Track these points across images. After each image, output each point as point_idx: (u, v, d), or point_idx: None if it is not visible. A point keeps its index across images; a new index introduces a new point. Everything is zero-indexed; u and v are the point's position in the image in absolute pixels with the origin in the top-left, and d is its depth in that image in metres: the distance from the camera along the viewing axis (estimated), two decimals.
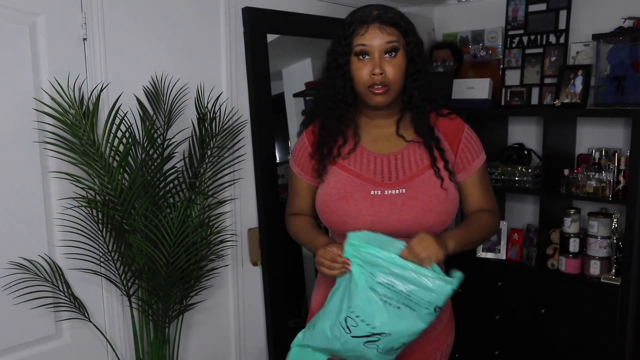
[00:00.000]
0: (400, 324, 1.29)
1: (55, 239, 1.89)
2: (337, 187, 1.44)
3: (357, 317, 1.29)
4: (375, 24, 1.37)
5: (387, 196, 1.40)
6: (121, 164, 1.81)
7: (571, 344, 2.47)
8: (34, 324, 1.87)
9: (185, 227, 1.86)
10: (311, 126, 1.55)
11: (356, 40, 1.38)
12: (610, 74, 2.49)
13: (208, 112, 2.06)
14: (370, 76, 1.37)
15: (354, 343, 1.32)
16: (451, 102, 2.85)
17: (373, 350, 1.32)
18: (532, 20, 2.83)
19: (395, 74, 1.38)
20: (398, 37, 1.38)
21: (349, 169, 1.46)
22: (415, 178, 1.42)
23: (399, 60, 1.39)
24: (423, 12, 3.23)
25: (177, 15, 2.14)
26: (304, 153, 1.55)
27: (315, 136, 1.53)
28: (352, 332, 1.31)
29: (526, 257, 2.68)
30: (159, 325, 1.97)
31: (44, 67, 1.82)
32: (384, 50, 1.37)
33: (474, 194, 1.49)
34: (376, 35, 1.36)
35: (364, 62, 1.38)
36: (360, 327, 1.30)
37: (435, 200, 1.40)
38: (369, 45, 1.37)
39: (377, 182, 1.42)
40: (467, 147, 1.48)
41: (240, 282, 2.43)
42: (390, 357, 1.37)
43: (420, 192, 1.40)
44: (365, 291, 1.28)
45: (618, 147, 2.55)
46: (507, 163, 2.72)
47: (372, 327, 1.29)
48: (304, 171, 1.55)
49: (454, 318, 1.63)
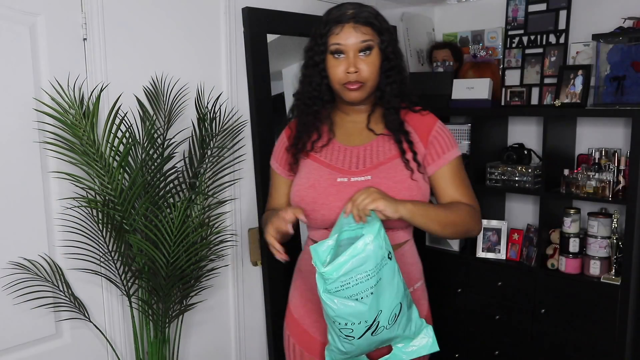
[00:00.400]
0: (381, 299, 1.29)
1: (55, 239, 1.89)
2: (307, 176, 1.49)
3: (346, 326, 1.30)
4: (350, 23, 1.41)
5: (353, 183, 1.43)
6: (121, 164, 1.81)
7: (571, 344, 2.47)
8: (34, 324, 1.87)
9: (185, 227, 1.86)
10: (290, 122, 1.61)
11: (332, 39, 1.42)
12: (610, 74, 2.49)
13: (208, 112, 2.06)
14: (345, 74, 1.42)
15: (367, 340, 1.33)
16: (451, 102, 2.85)
17: (384, 331, 1.33)
18: (532, 20, 2.83)
19: (370, 72, 1.42)
20: (372, 36, 1.42)
21: (319, 160, 1.51)
22: (381, 166, 1.46)
23: (373, 58, 1.43)
24: (423, 12, 3.23)
25: (177, 15, 2.15)
26: (282, 148, 1.61)
27: (292, 131, 1.58)
28: (355, 336, 1.32)
29: (526, 257, 2.67)
30: (159, 325, 1.97)
31: (44, 67, 1.82)
32: (358, 49, 1.41)
33: (447, 187, 1.48)
34: (351, 35, 1.40)
35: (339, 60, 1.43)
36: (356, 329, 1.31)
37: (399, 186, 1.42)
38: (344, 44, 1.41)
39: (345, 170, 1.47)
40: (437, 140, 1.49)
41: (240, 282, 2.43)
42: (404, 319, 1.36)
43: (385, 178, 1.43)
44: (334, 304, 1.27)
45: (618, 147, 2.55)
46: (507, 163, 2.72)
47: (363, 322, 1.30)
48: (282, 166, 1.60)
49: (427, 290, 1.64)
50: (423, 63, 3.20)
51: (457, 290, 2.80)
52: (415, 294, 1.54)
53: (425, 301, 1.59)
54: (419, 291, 1.56)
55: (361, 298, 1.27)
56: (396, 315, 1.33)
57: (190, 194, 1.99)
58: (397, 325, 1.35)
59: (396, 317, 1.33)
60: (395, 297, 1.31)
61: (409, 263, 1.53)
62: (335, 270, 1.25)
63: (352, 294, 1.27)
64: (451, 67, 3.01)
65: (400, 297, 1.33)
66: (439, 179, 1.49)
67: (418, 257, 1.59)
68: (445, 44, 3.13)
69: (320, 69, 1.46)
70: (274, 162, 1.63)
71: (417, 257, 1.58)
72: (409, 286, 1.51)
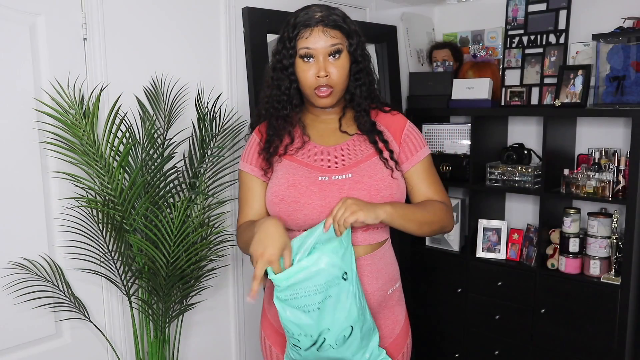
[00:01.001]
0: (328, 317, 1.29)
1: (55, 239, 1.89)
2: (285, 177, 1.46)
3: (293, 336, 1.31)
4: (319, 27, 1.40)
5: (334, 181, 1.43)
6: (121, 164, 1.81)
7: (571, 344, 2.47)
8: (34, 324, 1.87)
9: (185, 227, 1.86)
10: (260, 126, 1.57)
11: (300, 43, 1.41)
12: (610, 74, 2.49)
13: (208, 112, 2.06)
14: (315, 78, 1.42)
15: (313, 354, 1.34)
16: (451, 102, 2.86)
17: (331, 350, 1.33)
18: (532, 20, 2.83)
19: (339, 75, 1.43)
20: (341, 39, 1.42)
21: (297, 160, 1.50)
22: (362, 163, 1.46)
23: (342, 61, 1.43)
24: (423, 12, 3.23)
25: (177, 15, 2.15)
26: (254, 151, 1.55)
27: (262, 135, 1.55)
28: (302, 347, 1.33)
29: (526, 257, 2.68)
30: (159, 325, 1.97)
31: (44, 67, 1.82)
32: (327, 53, 1.41)
33: (420, 185, 1.51)
34: (320, 38, 1.40)
35: (309, 64, 1.42)
36: (302, 341, 1.31)
37: (380, 184, 1.43)
38: (313, 48, 1.40)
39: (325, 169, 1.46)
40: (410, 139, 1.51)
41: (240, 282, 2.43)
42: (355, 344, 1.35)
43: (366, 176, 1.43)
44: (285, 312, 1.29)
45: (618, 147, 2.56)
46: (507, 163, 2.72)
47: (309, 335, 1.30)
48: (257, 167, 1.53)
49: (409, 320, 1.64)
50: (423, 63, 3.20)
51: (457, 290, 2.80)
52: (395, 295, 1.54)
53: (403, 302, 1.59)
54: (398, 292, 1.56)
55: (308, 311, 1.27)
56: (345, 337, 1.32)
57: (190, 194, 1.99)
58: (347, 348, 1.34)
59: (345, 338, 1.32)
60: (345, 319, 1.30)
61: (389, 262, 1.53)
62: (285, 279, 1.25)
63: (300, 305, 1.27)
64: (451, 67, 3.02)
65: (353, 321, 1.31)
66: (412, 177, 1.50)
67: (395, 257, 1.59)
68: (445, 44, 3.13)
69: (289, 72, 1.45)
70: (246, 165, 1.54)
71: (394, 256, 1.58)
72: (390, 287, 1.51)
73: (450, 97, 2.86)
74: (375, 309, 1.48)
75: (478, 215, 2.80)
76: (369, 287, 1.46)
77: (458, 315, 2.82)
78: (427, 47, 3.19)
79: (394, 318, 1.53)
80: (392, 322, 1.53)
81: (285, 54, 1.44)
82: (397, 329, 1.54)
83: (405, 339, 1.57)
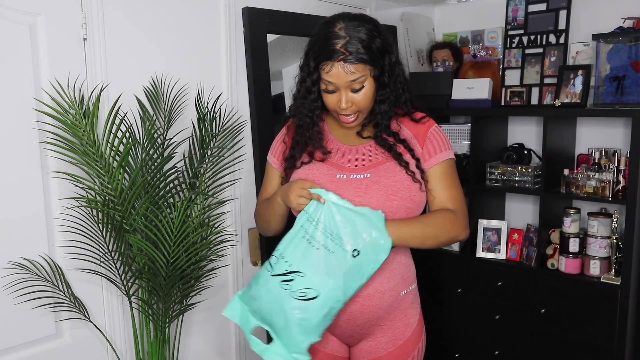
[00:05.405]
0: (313, 265, 1.33)
1: (55, 239, 1.89)
2: (305, 172, 1.50)
3: (279, 254, 1.37)
4: (339, 63, 1.37)
5: (351, 180, 1.45)
6: (121, 164, 1.81)
7: (571, 344, 2.47)
8: (34, 324, 1.87)
9: (185, 227, 1.86)
10: (289, 122, 1.61)
11: (322, 74, 1.40)
12: (610, 74, 2.49)
13: (208, 112, 2.06)
14: (339, 107, 1.43)
15: (273, 283, 1.36)
16: (451, 102, 2.85)
17: (287, 293, 1.34)
18: (532, 20, 2.83)
19: (363, 103, 1.43)
20: (363, 71, 1.38)
21: (317, 156, 1.52)
22: (381, 165, 1.46)
23: (366, 90, 1.42)
24: (423, 12, 3.23)
25: (177, 15, 2.15)
26: (280, 144, 1.62)
27: (290, 132, 1.59)
28: (273, 270, 1.37)
29: (526, 257, 2.68)
30: (159, 325, 1.97)
31: (44, 67, 1.82)
32: (349, 88, 1.40)
33: (437, 187, 1.48)
34: (340, 74, 1.38)
35: (332, 94, 1.43)
36: (279, 264, 1.36)
37: (398, 185, 1.43)
38: (335, 82, 1.40)
39: (344, 167, 1.48)
40: (431, 140, 1.50)
41: (240, 282, 2.43)
42: (305, 315, 1.35)
43: (384, 177, 1.44)
44: (295, 230, 1.37)
45: (618, 147, 2.55)
46: (507, 163, 2.72)
47: (288, 263, 1.35)
48: (278, 161, 1.61)
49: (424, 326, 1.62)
50: (423, 63, 3.20)
51: (457, 290, 2.80)
52: (408, 297, 1.53)
53: (418, 306, 1.58)
54: (412, 294, 1.55)
55: (310, 243, 1.34)
56: (307, 297, 1.33)
57: (190, 194, 1.99)
58: (301, 311, 1.34)
59: (307, 299, 1.33)
60: (320, 281, 1.33)
61: (404, 264, 1.52)
62: (338, 198, 1.38)
63: (328, 232, 1.35)
64: (451, 67, 3.02)
65: (326, 293, 1.33)
66: (430, 178, 1.49)
67: (411, 259, 1.58)
68: (445, 44, 3.13)
69: (314, 93, 1.47)
70: (271, 157, 1.63)
71: (410, 258, 1.57)
72: (403, 288, 1.50)
73: (450, 97, 2.86)
74: (384, 309, 1.48)
75: (478, 215, 2.80)
76: (380, 286, 1.46)
77: (458, 315, 2.82)
78: (427, 47, 3.19)
79: (406, 320, 1.53)
80: (403, 324, 1.52)
81: (309, 74, 1.44)
82: (408, 331, 1.53)
83: (417, 342, 1.55)
